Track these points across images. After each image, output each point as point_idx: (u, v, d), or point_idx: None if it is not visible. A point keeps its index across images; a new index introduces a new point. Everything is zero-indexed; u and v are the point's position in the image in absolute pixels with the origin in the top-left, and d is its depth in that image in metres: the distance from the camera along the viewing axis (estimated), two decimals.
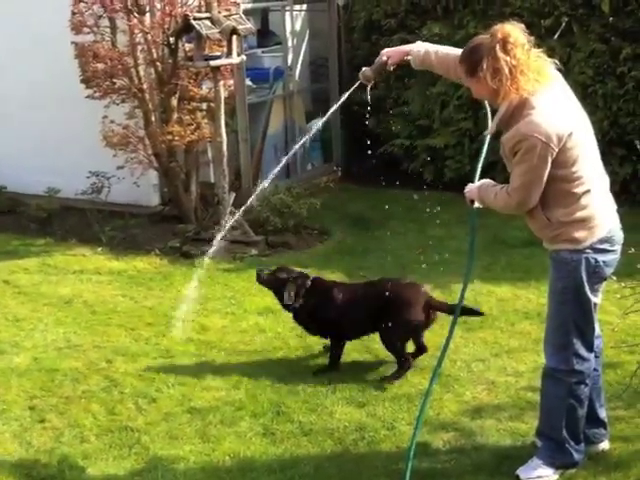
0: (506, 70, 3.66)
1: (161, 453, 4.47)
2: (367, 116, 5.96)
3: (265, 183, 4.87)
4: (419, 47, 4.29)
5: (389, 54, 4.35)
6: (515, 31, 3.72)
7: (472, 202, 4.09)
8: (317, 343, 5.64)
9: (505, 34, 3.69)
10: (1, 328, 6.16)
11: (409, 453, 3.98)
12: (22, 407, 5.00)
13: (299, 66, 9.96)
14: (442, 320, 5.89)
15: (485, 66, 3.68)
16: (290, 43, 9.61)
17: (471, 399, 4.89)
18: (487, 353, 5.43)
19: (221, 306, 6.41)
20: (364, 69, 4.44)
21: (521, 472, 4.10)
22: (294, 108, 9.46)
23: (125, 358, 5.58)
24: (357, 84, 4.49)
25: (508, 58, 3.67)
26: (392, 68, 4.38)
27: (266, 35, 10.00)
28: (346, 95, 4.56)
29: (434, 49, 4.26)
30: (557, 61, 3.90)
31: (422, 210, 8.54)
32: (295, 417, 4.77)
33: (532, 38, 3.79)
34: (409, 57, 4.30)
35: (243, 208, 5.53)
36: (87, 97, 7.99)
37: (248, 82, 8.89)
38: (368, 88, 4.49)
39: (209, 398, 5.01)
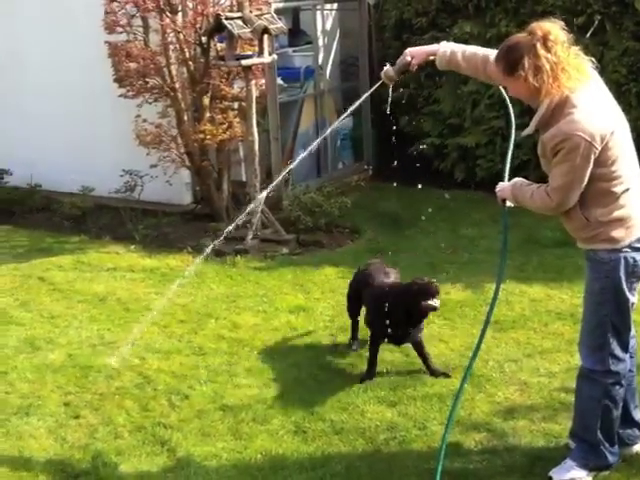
0: (547, 68, 3.63)
1: (193, 450, 4.50)
2: (389, 115, 5.90)
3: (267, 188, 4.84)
4: (444, 47, 4.25)
5: (413, 54, 4.30)
6: (555, 28, 3.69)
7: (504, 201, 4.07)
8: (347, 342, 5.66)
9: (545, 31, 3.66)
10: (36, 325, 6.23)
11: (440, 453, 3.98)
12: (57, 403, 5.06)
13: (330, 65, 9.97)
14: (472, 319, 5.92)
15: (526, 64, 3.65)
16: (321, 42, 9.62)
17: (503, 400, 4.87)
18: (520, 354, 5.41)
19: (253, 304, 6.44)
20: (386, 68, 4.39)
21: (554, 474, 4.08)
22: (325, 107, 9.47)
23: (158, 355, 5.63)
24: (379, 83, 4.46)
25: (549, 55, 3.64)
26: (415, 69, 4.31)
27: (297, 34, 10.02)
28: (367, 94, 4.56)
29: (461, 49, 4.21)
30: (593, 59, 3.86)
31: (453, 209, 8.57)
32: (327, 416, 4.78)
33: (571, 35, 3.76)
34: (434, 57, 4.27)
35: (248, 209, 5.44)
36: (120, 96, 8.05)
37: (279, 81, 8.92)
38: (390, 88, 4.45)
39: (241, 396, 5.04)
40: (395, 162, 9.70)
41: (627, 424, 4.17)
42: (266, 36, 7.66)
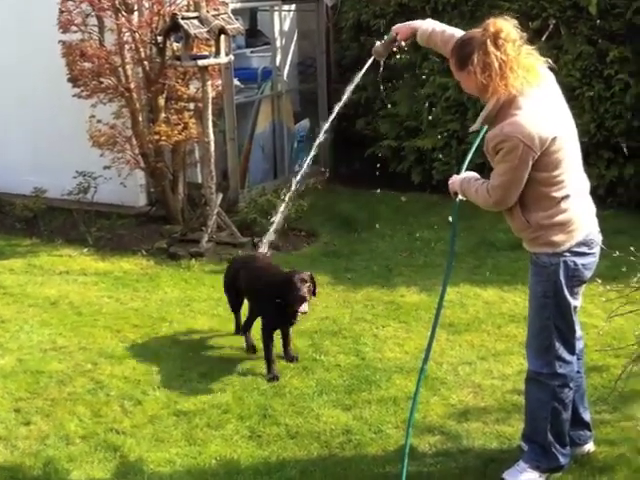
0: (496, 65, 3.64)
1: (147, 456, 4.45)
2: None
3: None
4: (427, 25, 4.31)
5: (398, 30, 4.42)
6: (507, 26, 3.71)
7: (455, 194, 4.08)
8: (304, 345, 5.64)
9: (497, 29, 3.68)
10: None
11: (404, 459, 3.97)
12: (7, 409, 4.98)
13: (287, 66, 9.94)
14: (427, 322, 5.93)
15: (475, 60, 3.66)
16: (279, 43, 9.58)
17: (457, 402, 4.89)
18: (473, 356, 5.43)
19: (208, 308, 6.39)
20: (376, 45, 4.55)
21: (507, 475, 4.10)
22: (282, 108, 9.44)
23: (111, 360, 5.56)
24: (370, 60, 4.59)
25: (498, 53, 3.65)
26: (404, 43, 4.44)
27: (254, 35, 10.00)
28: (360, 74, 4.66)
29: (441, 28, 4.25)
30: (550, 60, 3.88)
31: (410, 212, 8.60)
32: (282, 420, 4.76)
33: (524, 34, 3.78)
34: (416, 33, 4.33)
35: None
36: (74, 96, 7.94)
37: (236, 82, 8.87)
38: (381, 63, 4.63)
39: (195, 401, 5.00)
40: (354, 166, 9.82)
41: (577, 425, 4.20)
42: (223, 36, 7.62)
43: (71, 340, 5.89)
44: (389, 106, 9.34)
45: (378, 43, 4.55)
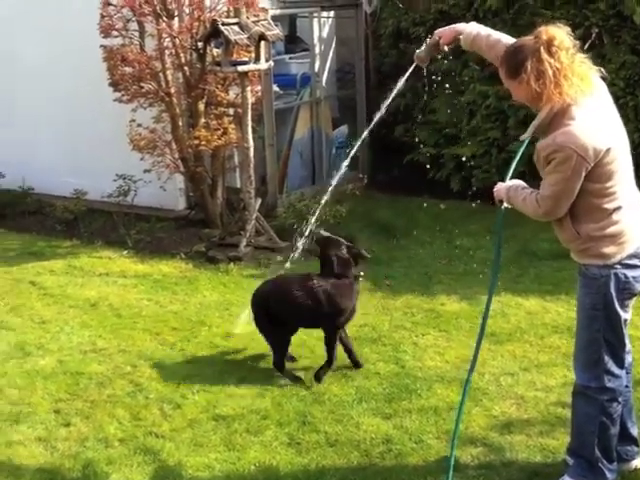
0: (550, 73, 3.58)
1: (186, 460, 4.43)
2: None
3: None
4: (472, 28, 4.21)
5: (441, 33, 4.33)
6: (560, 34, 3.64)
7: (501, 202, 4.02)
8: (343, 352, 5.59)
9: (550, 36, 3.61)
10: (27, 330, 6.16)
11: (449, 470, 3.91)
12: (47, 410, 4.99)
13: (326, 73, 9.92)
14: (468, 331, 5.86)
15: (529, 67, 3.60)
16: (317, 50, 9.57)
17: (500, 414, 4.82)
18: (516, 367, 5.36)
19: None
20: (418, 51, 4.48)
21: None
22: (320, 115, 9.42)
23: (150, 363, 5.56)
24: (413, 66, 4.53)
25: (552, 61, 3.59)
26: (447, 48, 4.35)
27: (294, 41, 10.00)
28: (404, 79, 4.64)
29: (486, 32, 4.15)
30: (602, 69, 3.81)
31: (449, 219, 8.52)
32: (321, 427, 4.72)
33: (577, 42, 3.71)
34: (460, 37, 4.25)
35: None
36: (115, 100, 7.98)
37: (275, 88, 8.87)
38: (424, 69, 4.56)
39: (234, 406, 4.97)
40: (393, 172, 9.77)
41: (624, 440, 4.12)
42: (263, 42, 7.63)
43: (111, 342, 5.90)
44: (427, 114, 9.29)
45: (419, 49, 4.49)
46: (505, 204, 3.97)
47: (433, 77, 8.51)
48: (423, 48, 4.47)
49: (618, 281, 3.77)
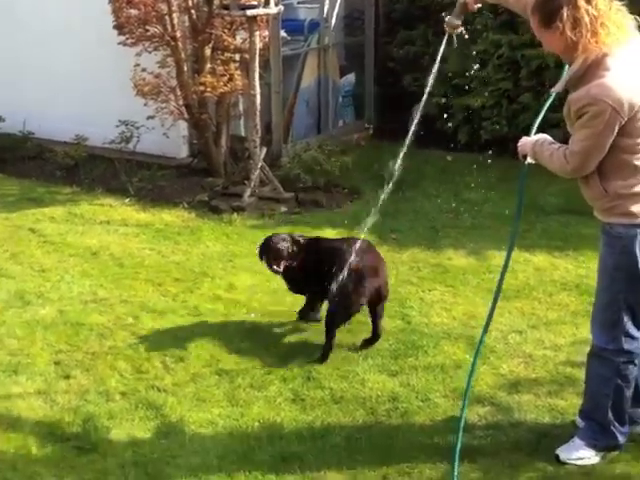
0: (587, 21, 3.41)
1: (188, 416, 4.35)
2: None
3: None
4: None
5: None
6: None
7: (525, 157, 3.87)
8: None
9: None
10: (27, 278, 6.05)
11: (457, 435, 3.83)
12: (47, 362, 4.90)
13: (334, 19, 9.66)
14: (475, 287, 5.76)
15: (565, 16, 3.43)
16: None
17: (508, 372, 4.73)
18: (524, 324, 5.26)
19: (250, 264, 6.23)
20: (448, 18, 4.31)
21: (561, 452, 3.96)
22: (328, 62, 9.19)
23: (153, 315, 5.46)
24: (447, 37, 4.36)
25: (589, 8, 3.42)
26: (476, 7, 4.19)
27: None
28: (440, 51, 4.38)
29: None
30: (638, 17, 3.63)
31: (456, 172, 8.37)
32: (326, 384, 4.63)
33: None
34: None
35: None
36: (119, 44, 7.78)
37: (283, 34, 8.64)
38: (454, 36, 4.38)
39: (238, 360, 4.89)
40: (400, 122, 9.57)
41: (636, 403, 4.03)
42: None
43: (112, 292, 5.79)
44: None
45: (449, 16, 4.31)
46: (529, 159, 3.84)
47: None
48: (452, 15, 4.28)
49: None
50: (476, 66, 8.33)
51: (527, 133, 8.31)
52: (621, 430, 3.92)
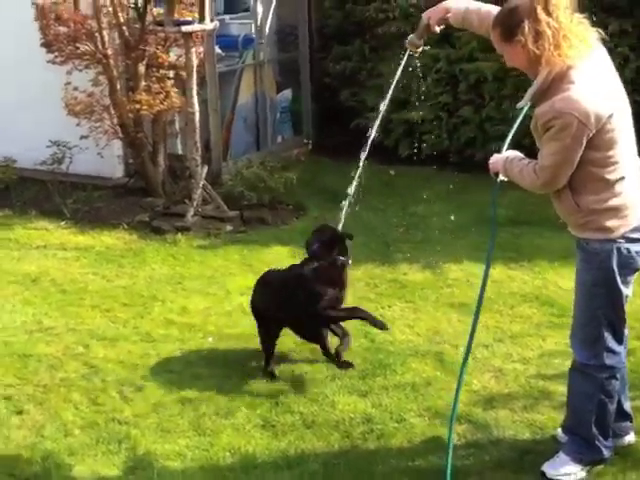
0: (549, 34, 3.34)
1: (154, 448, 4.11)
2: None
3: None
4: (459, 4, 3.99)
5: (429, 14, 4.11)
6: None
7: (496, 174, 3.78)
8: None
9: None
10: None
11: (448, 453, 3.66)
12: None
13: (266, 35, 9.52)
14: (435, 302, 5.65)
15: (526, 29, 3.36)
16: (259, 9, 9.16)
17: (480, 388, 4.61)
18: (490, 338, 5.16)
19: (200, 286, 6.04)
20: (410, 37, 4.30)
21: (547, 468, 3.84)
22: (264, 78, 9.05)
23: (103, 342, 5.19)
24: (407, 54, 4.37)
25: (551, 20, 3.35)
26: (438, 29, 4.14)
27: (234, 1, 9.56)
28: (400, 69, 4.50)
29: (475, 6, 3.94)
30: (600, 30, 3.57)
31: (400, 185, 8.29)
32: (295, 407, 4.44)
33: (573, 1, 3.48)
34: (449, 15, 4.02)
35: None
36: (49, 62, 7.49)
37: (217, 50, 8.45)
38: (417, 54, 4.40)
39: (200, 387, 4.65)
40: (338, 138, 9.47)
41: (619, 416, 3.93)
42: (207, 0, 7.22)
43: (58, 321, 5.50)
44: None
45: (411, 35, 4.30)
46: (501, 177, 3.74)
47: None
48: (414, 34, 4.26)
49: (620, 256, 3.56)
50: (420, 80, 8.31)
51: (469, 146, 8.33)
52: (605, 444, 3.82)
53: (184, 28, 7.15)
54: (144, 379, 4.74)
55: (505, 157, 3.73)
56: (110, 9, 7.51)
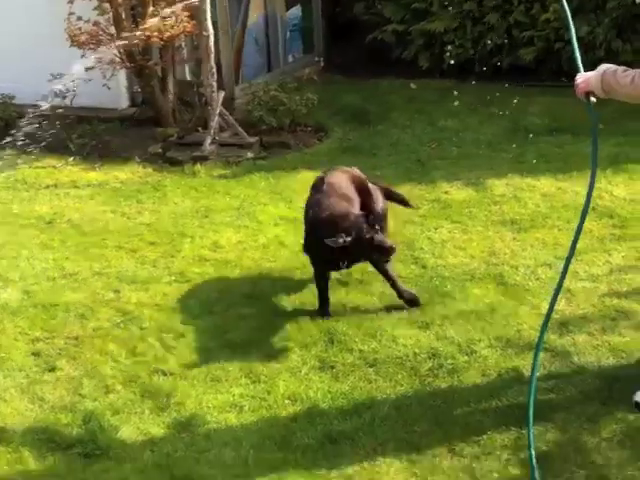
0: None
1: (206, 400, 3.72)
2: None
3: None
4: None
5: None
6: None
7: (587, 95, 3.31)
8: None
9: None
10: None
11: (530, 392, 3.23)
12: (24, 353, 4.18)
13: None
14: (484, 220, 5.24)
15: None
16: None
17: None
18: (550, 256, 4.76)
19: (230, 218, 5.61)
20: None
21: None
22: None
23: (135, 286, 4.77)
24: None
25: None
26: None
27: None
28: None
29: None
30: None
31: (424, 100, 7.82)
32: (352, 345, 4.06)
33: None
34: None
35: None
36: None
37: None
38: None
39: (246, 328, 4.26)
40: (349, 53, 8.95)
41: None
42: None
43: (81, 264, 5.08)
44: None
45: None
46: (593, 98, 3.27)
47: None
48: None
49: None
50: None
51: (495, 54, 7.71)
52: None
53: None
54: (184, 324, 4.34)
55: (601, 72, 3.26)
56: None
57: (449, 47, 8.20)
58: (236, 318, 4.35)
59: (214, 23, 7.52)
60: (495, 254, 4.84)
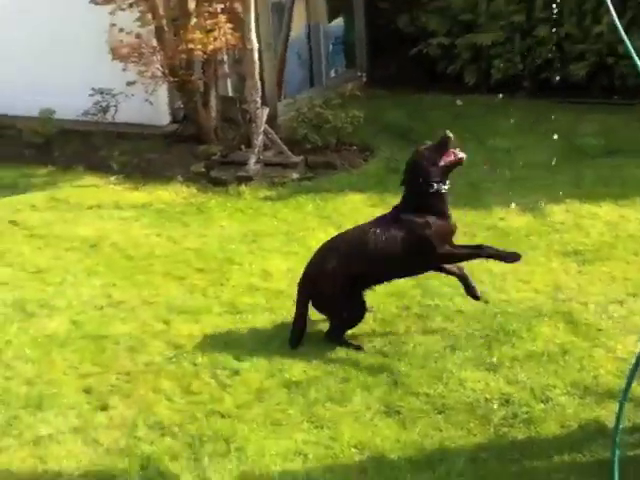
0: None
1: (268, 446, 3.53)
2: None
3: None
4: None
5: None
6: None
7: None
8: (405, 286, 4.67)
9: None
10: (22, 283, 5.13)
11: (614, 446, 3.02)
12: (75, 389, 4.01)
13: None
14: (546, 250, 5.01)
15: None
16: None
17: (627, 354, 3.99)
18: (621, 292, 4.55)
19: (278, 244, 5.45)
20: None
21: None
22: (317, 7, 8.31)
23: (185, 316, 4.60)
24: None
25: None
26: None
27: None
28: None
29: None
30: None
31: (471, 117, 7.61)
32: (418, 388, 3.86)
33: None
34: None
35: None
36: (90, 2, 6.80)
37: None
38: None
39: (303, 366, 4.07)
40: (392, 68, 8.77)
41: None
42: None
43: (128, 292, 4.92)
44: None
45: None
46: None
47: None
48: None
49: None
50: None
51: (544, 69, 7.45)
52: None
53: None
54: (239, 360, 4.15)
55: None
56: None
57: (496, 61, 8.01)
58: (292, 354, 4.17)
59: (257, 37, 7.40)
60: (561, 289, 4.63)
